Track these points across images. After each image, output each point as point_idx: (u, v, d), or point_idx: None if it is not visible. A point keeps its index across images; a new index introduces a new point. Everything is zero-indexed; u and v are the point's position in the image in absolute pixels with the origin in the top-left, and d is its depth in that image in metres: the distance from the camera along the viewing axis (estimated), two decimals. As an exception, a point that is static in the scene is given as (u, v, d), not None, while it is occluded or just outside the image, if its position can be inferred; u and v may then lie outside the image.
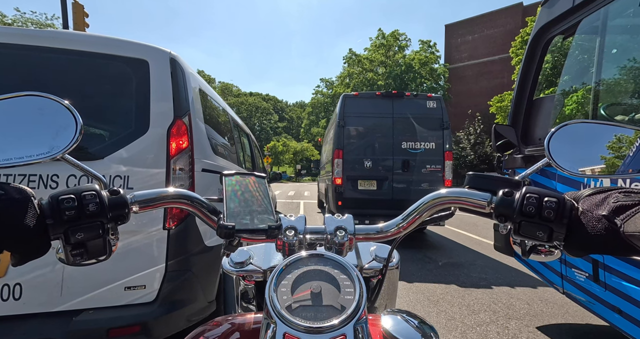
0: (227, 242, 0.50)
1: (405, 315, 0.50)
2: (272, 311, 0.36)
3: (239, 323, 0.56)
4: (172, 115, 1.67)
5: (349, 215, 0.55)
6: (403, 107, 5.25)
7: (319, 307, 0.36)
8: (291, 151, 43.14)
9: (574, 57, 2.24)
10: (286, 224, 0.52)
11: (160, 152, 1.61)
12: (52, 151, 0.42)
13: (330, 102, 35.68)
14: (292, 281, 0.39)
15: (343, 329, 0.35)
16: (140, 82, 1.64)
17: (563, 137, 0.51)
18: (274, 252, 0.71)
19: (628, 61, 1.76)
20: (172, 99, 1.69)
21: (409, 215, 0.54)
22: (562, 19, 2.01)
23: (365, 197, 5.15)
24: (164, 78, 1.69)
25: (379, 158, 5.18)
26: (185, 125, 1.72)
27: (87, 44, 1.61)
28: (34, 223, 0.37)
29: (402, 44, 32.55)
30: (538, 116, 2.32)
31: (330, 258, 0.42)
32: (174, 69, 1.74)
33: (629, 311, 1.58)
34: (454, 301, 3.04)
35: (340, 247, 0.51)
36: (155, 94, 1.65)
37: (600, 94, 1.85)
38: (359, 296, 0.37)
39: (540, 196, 0.43)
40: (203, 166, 1.86)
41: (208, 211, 0.52)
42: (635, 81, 1.69)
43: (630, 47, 1.77)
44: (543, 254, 0.47)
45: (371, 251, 0.73)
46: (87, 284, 1.42)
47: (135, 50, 1.67)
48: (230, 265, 0.68)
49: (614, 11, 1.72)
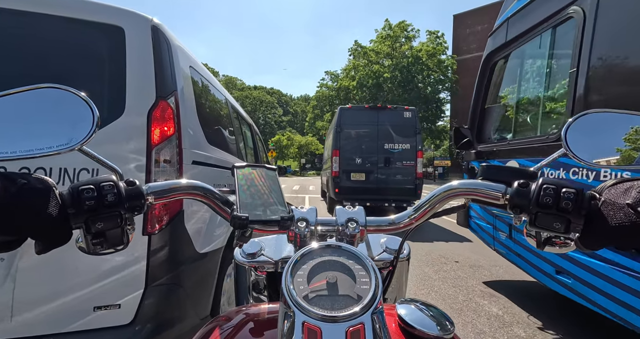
0: (240, 233, 0.51)
1: (420, 304, 0.50)
2: (289, 300, 0.35)
3: (253, 313, 0.57)
4: (155, 95, 1.37)
5: (360, 207, 0.54)
6: (385, 117, 6.94)
7: (336, 296, 0.36)
8: (296, 145, 42.95)
9: (508, 77, 3.02)
10: (298, 215, 0.52)
11: (139, 140, 1.31)
12: (70, 143, 0.42)
13: (335, 95, 34.85)
14: (307, 271, 0.38)
15: (361, 317, 0.34)
16: (114, 53, 1.34)
17: (580, 127, 0.49)
18: (285, 243, 0.72)
19: (534, 82, 2.72)
20: (155, 76, 1.38)
21: (420, 207, 0.53)
22: (500, 49, 2.86)
23: (356, 185, 6.88)
24: (144, 50, 1.38)
25: (367, 156, 6.88)
26: (170, 108, 1.41)
27: (46, 6, 1.30)
28: (56, 212, 0.38)
29: (409, 35, 31.51)
30: (488, 120, 3.13)
31: (344, 249, 0.41)
32: (156, 40, 1.43)
33: (528, 257, 2.41)
34: (479, 309, 2.72)
35: (351, 239, 0.51)
36: (132, 68, 1.34)
37: (519, 106, 2.81)
38: (375, 286, 0.37)
39: (558, 187, 0.42)
40: (194, 158, 1.57)
41: (221, 203, 0.53)
42: (536, 97, 2.62)
43: (535, 72, 2.69)
44: (558, 246, 0.46)
45: (381, 243, 0.73)
46: (45, 305, 1.13)
47: (108, 14, 1.36)
48: (243, 256, 0.69)
49: (528, 48, 2.62)
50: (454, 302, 2.85)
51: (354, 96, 31.87)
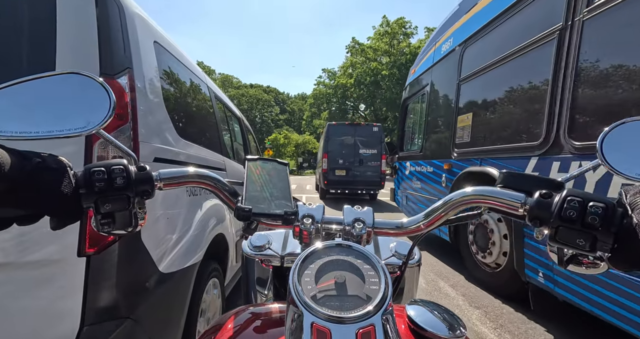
0: (246, 225, 0.52)
1: (430, 305, 0.49)
2: (297, 300, 0.34)
3: (259, 313, 0.56)
4: (98, 72, 1.05)
5: (369, 208, 0.53)
6: (360, 131, 10.08)
7: (345, 297, 0.35)
8: (293, 144, 42.68)
9: (410, 113, 5.33)
10: (304, 212, 0.51)
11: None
12: (88, 126, 0.43)
13: (332, 93, 34.16)
14: (315, 270, 0.37)
15: (371, 319, 0.33)
16: (40, 16, 1.01)
17: (619, 137, 0.43)
18: (292, 239, 0.71)
19: (416, 118, 4.92)
20: (98, 48, 1.06)
21: (432, 212, 0.50)
22: (407, 99, 5.28)
23: (339, 179, 9.81)
24: (84, 11, 1.06)
25: (347, 158, 9.84)
26: (121, 88, 1.09)
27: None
28: (70, 191, 0.40)
29: (407, 31, 30.85)
30: (404, 138, 5.32)
31: (353, 248, 0.40)
32: (102, 2, 1.10)
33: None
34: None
35: (358, 239, 0.49)
36: (64, 37, 1.02)
37: (413, 131, 5.06)
38: (385, 286, 0.35)
39: (584, 200, 0.38)
40: (158, 154, 1.25)
41: (229, 193, 0.53)
42: (418, 127, 4.71)
43: (417, 113, 4.85)
44: (584, 266, 0.41)
45: (391, 247, 0.71)
46: None
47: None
48: (250, 248, 0.69)
49: (414, 101, 5.03)
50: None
51: (351, 94, 31.38)
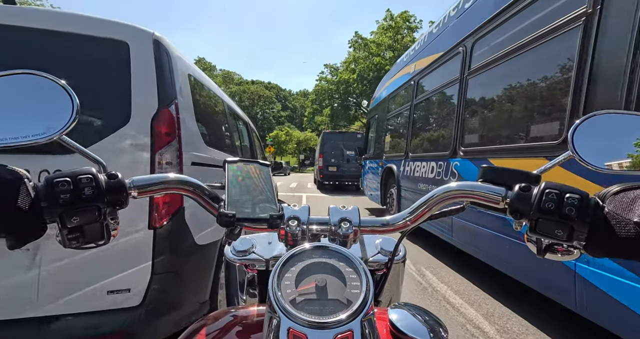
0: (229, 230, 0.50)
1: (413, 309, 0.49)
2: (275, 305, 0.34)
3: (240, 316, 0.55)
4: (157, 104, 1.52)
5: (354, 206, 0.53)
6: (347, 137, 13.52)
7: (325, 301, 0.35)
8: (294, 141, 42.88)
9: (372, 127, 7.40)
10: (289, 214, 0.50)
11: (143, 144, 1.47)
12: (48, 132, 0.41)
13: (334, 89, 33.49)
14: (296, 273, 0.38)
15: (350, 324, 0.33)
16: (120, 67, 1.49)
17: (588, 129, 0.46)
18: (277, 241, 0.70)
19: (376, 131, 6.98)
20: (157, 86, 1.54)
21: (417, 208, 0.51)
22: (370, 117, 7.81)
23: (331, 173, 13.03)
24: (147, 62, 1.53)
25: (337, 157, 13.08)
26: (171, 114, 1.57)
27: (56, 23, 1.44)
28: (27, 205, 0.36)
29: (411, 25, 29.52)
30: (369, 144, 7.49)
31: (335, 250, 0.41)
32: (158, 52, 1.58)
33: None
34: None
35: (344, 239, 0.50)
36: (137, 80, 1.49)
37: (372, 140, 7.33)
38: (366, 290, 0.36)
39: (561, 191, 0.40)
40: (193, 159, 1.73)
41: (209, 198, 0.51)
42: (371, 141, 7.40)
43: (376, 128, 7.03)
44: (560, 254, 0.44)
45: (376, 244, 0.71)
46: (65, 288, 1.31)
47: (113, 30, 1.50)
48: (233, 253, 0.68)
49: (373, 121, 7.38)
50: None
51: (354, 90, 30.89)
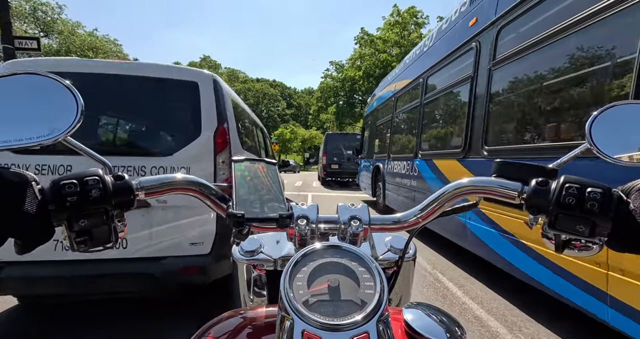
0: (237, 230, 0.48)
1: (428, 309, 0.49)
2: (288, 306, 0.34)
3: (250, 317, 0.56)
4: (216, 122, 2.30)
5: (363, 204, 0.53)
6: (348, 138, 15.10)
7: (338, 302, 0.35)
8: (299, 139, 42.89)
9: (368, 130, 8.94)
10: (298, 213, 0.50)
11: (209, 149, 2.25)
12: (52, 134, 0.41)
13: (340, 86, 32.86)
14: (307, 274, 0.38)
15: (365, 326, 0.33)
16: (194, 98, 2.27)
17: (607, 121, 0.46)
18: (285, 241, 0.72)
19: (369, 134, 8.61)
20: (216, 110, 2.32)
21: (428, 205, 0.51)
22: (365, 121, 9.49)
23: (334, 170, 14.48)
24: (210, 95, 2.31)
25: (339, 156, 14.45)
26: (225, 129, 2.35)
27: (154, 71, 2.23)
28: (34, 209, 0.37)
29: (419, 21, 28.43)
30: (364, 145, 9.04)
31: (348, 250, 0.41)
32: (216, 87, 2.36)
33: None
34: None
35: (354, 238, 0.49)
36: (204, 107, 2.27)
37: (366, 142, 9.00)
38: (381, 290, 0.36)
39: (582, 186, 0.40)
40: (236, 159, 2.51)
41: (217, 198, 0.52)
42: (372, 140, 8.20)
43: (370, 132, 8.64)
44: (577, 249, 0.43)
45: (386, 242, 0.72)
46: (167, 239, 2.10)
47: (189, 74, 2.29)
48: (241, 253, 0.69)
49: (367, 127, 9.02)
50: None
51: (359, 87, 30.04)
